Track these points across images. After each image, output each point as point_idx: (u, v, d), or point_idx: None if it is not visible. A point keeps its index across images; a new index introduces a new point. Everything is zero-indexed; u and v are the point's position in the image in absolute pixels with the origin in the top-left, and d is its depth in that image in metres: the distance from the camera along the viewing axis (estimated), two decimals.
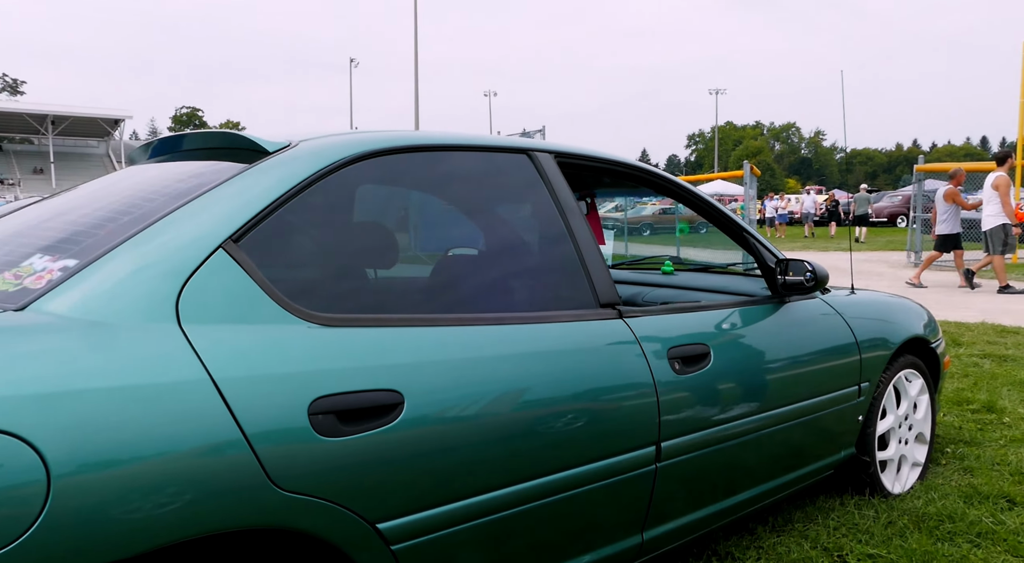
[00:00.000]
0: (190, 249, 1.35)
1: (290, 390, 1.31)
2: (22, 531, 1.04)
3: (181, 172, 1.64)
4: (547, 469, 1.65)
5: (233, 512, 1.22)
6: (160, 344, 1.24)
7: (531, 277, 1.90)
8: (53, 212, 1.68)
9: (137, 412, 1.16)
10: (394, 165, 1.73)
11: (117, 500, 1.11)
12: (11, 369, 1.10)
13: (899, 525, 2.54)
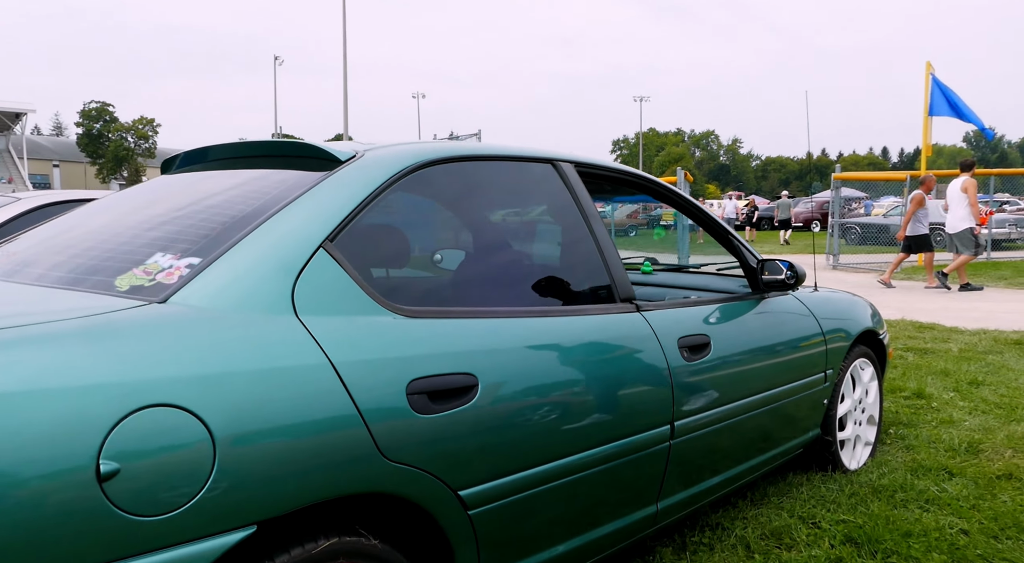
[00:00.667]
0: (297, 248, 1.51)
1: (391, 373, 1.49)
2: (198, 489, 1.19)
3: (262, 177, 1.78)
4: (588, 444, 1.87)
5: (353, 479, 1.39)
6: (285, 332, 1.40)
7: (566, 274, 2.11)
8: (139, 213, 1.79)
9: (275, 391, 1.32)
10: (448, 173, 1.92)
11: (265, 465, 1.27)
12: (173, 354, 1.24)
13: (860, 495, 2.87)
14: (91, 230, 1.77)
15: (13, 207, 4.13)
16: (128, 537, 1.14)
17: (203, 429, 1.22)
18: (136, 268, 1.46)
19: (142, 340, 1.24)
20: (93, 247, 1.64)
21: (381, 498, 1.49)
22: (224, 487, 1.22)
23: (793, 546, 2.47)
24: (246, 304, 1.40)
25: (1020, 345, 5.92)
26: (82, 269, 1.53)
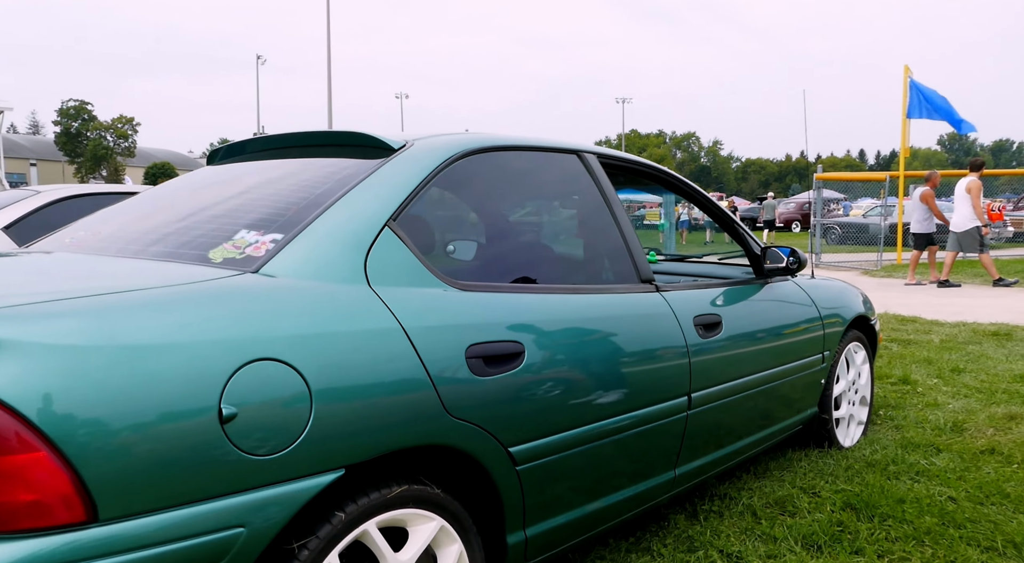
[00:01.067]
0: (366, 226, 1.67)
1: (452, 339, 1.65)
2: (298, 434, 1.35)
3: (322, 163, 1.94)
4: (618, 410, 2.04)
5: (423, 431, 1.56)
6: (362, 300, 1.56)
7: (593, 255, 2.28)
8: (209, 196, 1.94)
9: (358, 351, 1.48)
10: (488, 161, 2.08)
11: (352, 416, 1.43)
12: (272, 316, 1.40)
13: (856, 468, 3.07)
14: (169, 211, 1.92)
15: (35, 199, 4.25)
16: (243, 473, 1.29)
17: (301, 382, 1.38)
18: (226, 243, 1.61)
19: (244, 304, 1.40)
20: (177, 225, 1.79)
21: (443, 451, 1.65)
22: (319, 433, 1.38)
23: (796, 512, 2.66)
24: (326, 275, 1.56)
25: (997, 336, 6.18)
26: (175, 244, 1.68)
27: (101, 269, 1.57)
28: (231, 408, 1.28)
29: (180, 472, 1.23)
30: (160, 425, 1.21)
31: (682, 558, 2.33)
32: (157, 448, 1.20)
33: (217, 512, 1.26)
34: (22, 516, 1.12)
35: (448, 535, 1.66)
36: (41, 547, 1.12)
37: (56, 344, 1.17)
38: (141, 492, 1.19)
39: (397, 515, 1.55)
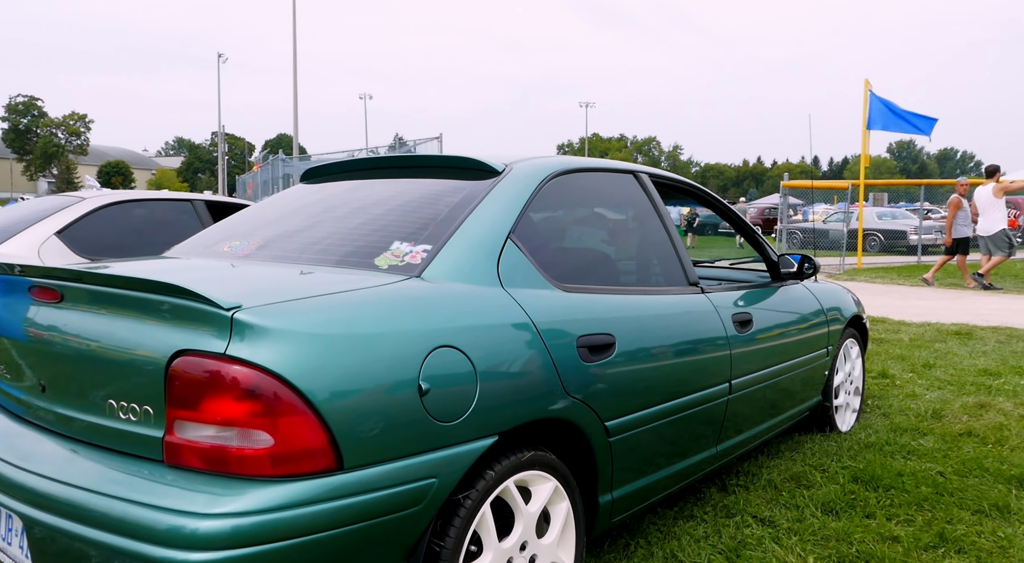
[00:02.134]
0: (495, 238, 2.01)
1: (567, 332, 2.01)
2: (469, 406, 1.69)
3: (436, 183, 2.27)
4: (681, 393, 2.42)
5: (548, 406, 1.91)
6: (501, 299, 1.90)
7: (653, 262, 2.65)
8: (342, 209, 2.26)
9: (505, 339, 1.82)
10: (570, 180, 2.43)
11: (503, 392, 1.78)
12: (444, 311, 1.74)
13: (855, 449, 3.49)
14: (313, 223, 2.24)
15: (82, 206, 4.46)
16: (435, 435, 1.63)
17: (470, 364, 1.72)
18: (385, 252, 1.94)
19: (424, 302, 1.74)
20: (333, 236, 2.11)
21: (559, 423, 2.00)
22: (483, 405, 1.73)
23: (812, 485, 3.06)
24: (471, 278, 1.90)
25: (959, 335, 6.74)
26: (340, 253, 2.00)
27: (304, 274, 1.85)
28: (426, 384, 1.62)
29: (396, 433, 1.56)
30: (383, 395, 1.55)
31: (722, 522, 2.71)
32: (382, 413, 1.54)
33: (419, 465, 1.60)
34: (294, 463, 1.44)
35: (559, 494, 2.01)
36: (308, 487, 1.44)
37: (311, 332, 1.50)
38: (372, 448, 1.52)
39: (526, 476, 1.90)
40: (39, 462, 1.65)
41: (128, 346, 1.57)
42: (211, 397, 1.45)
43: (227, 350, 1.45)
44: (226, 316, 1.46)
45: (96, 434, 1.64)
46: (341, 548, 1.50)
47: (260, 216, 2.47)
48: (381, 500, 1.54)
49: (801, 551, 2.47)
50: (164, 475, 1.49)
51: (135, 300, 1.59)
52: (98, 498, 1.48)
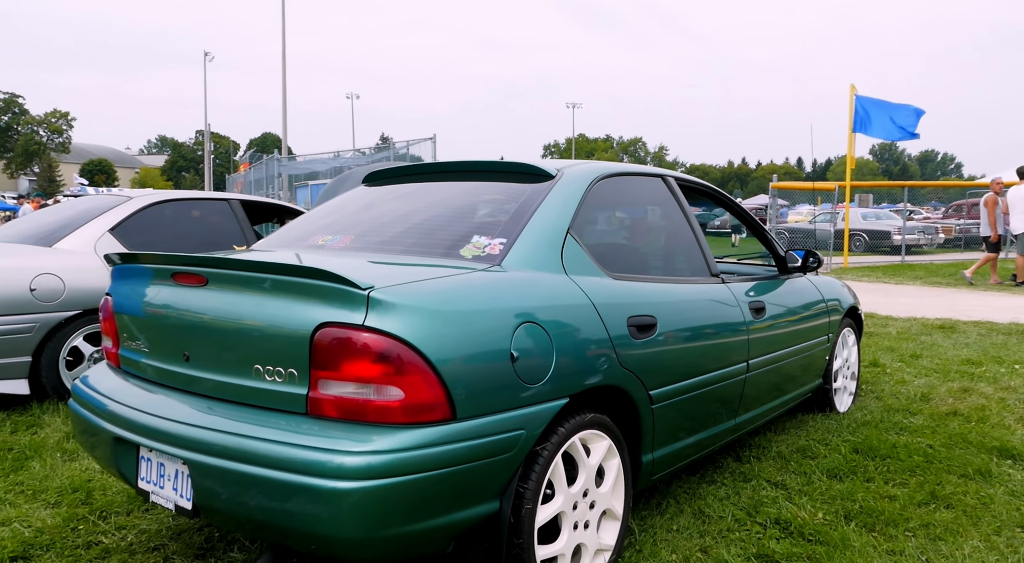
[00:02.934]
0: (557, 233, 2.36)
1: (619, 312, 2.35)
2: (548, 371, 2.04)
3: (499, 185, 2.61)
4: (710, 368, 2.77)
5: (606, 375, 2.25)
6: (568, 284, 2.25)
7: (682, 255, 3.00)
8: (417, 206, 2.60)
9: (572, 317, 2.17)
10: (611, 183, 2.78)
11: (572, 361, 2.12)
12: (525, 293, 2.08)
13: (853, 426, 3.87)
14: (393, 219, 2.57)
15: (131, 204, 4.77)
16: (523, 395, 1.97)
17: (547, 337, 2.06)
18: (468, 244, 2.28)
19: (509, 285, 2.08)
20: (418, 230, 2.45)
21: (612, 390, 2.34)
22: (557, 372, 2.07)
23: (816, 456, 3.43)
24: (541, 267, 2.25)
25: (943, 329, 7.16)
26: (427, 245, 2.34)
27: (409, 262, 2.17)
28: (516, 352, 1.96)
29: (494, 391, 1.90)
30: (485, 360, 1.89)
31: (740, 485, 3.07)
32: (484, 374, 1.88)
33: (511, 419, 1.94)
34: (419, 413, 1.78)
35: (612, 452, 2.35)
36: (430, 433, 1.78)
37: (430, 308, 1.84)
38: (477, 403, 1.87)
39: (587, 434, 2.24)
40: (192, 417, 1.97)
41: (274, 320, 1.89)
42: (351, 360, 1.79)
43: (365, 322, 1.78)
44: (363, 295, 1.79)
45: (240, 393, 1.96)
46: (453, 484, 1.83)
47: (337, 215, 2.80)
48: (483, 446, 1.88)
49: (811, 508, 2.83)
50: (310, 424, 1.82)
51: (279, 283, 1.91)
52: (256, 442, 1.81)
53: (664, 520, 2.73)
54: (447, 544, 1.92)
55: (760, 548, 2.50)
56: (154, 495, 2.08)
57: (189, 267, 2.09)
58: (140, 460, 2.13)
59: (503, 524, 1.97)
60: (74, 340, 4.24)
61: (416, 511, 1.78)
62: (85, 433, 2.31)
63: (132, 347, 2.32)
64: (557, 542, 2.14)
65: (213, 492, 1.88)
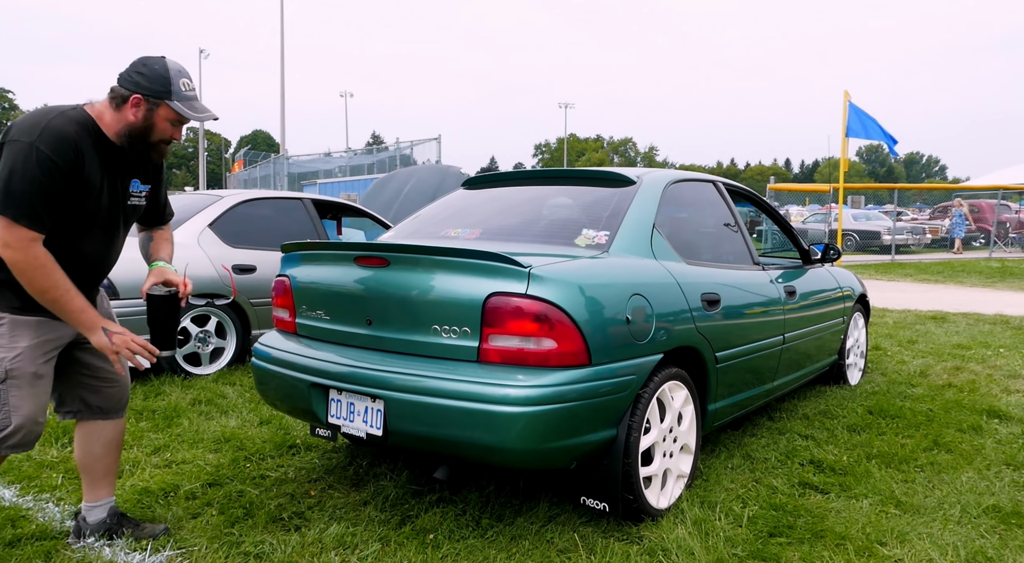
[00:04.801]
0: (646, 227, 2.99)
1: (695, 290, 2.99)
2: (650, 331, 2.67)
3: (591, 190, 3.24)
4: (757, 338, 3.41)
5: (686, 338, 2.89)
6: (658, 267, 2.88)
7: (733, 247, 3.64)
8: (527, 206, 3.23)
9: (664, 292, 2.80)
10: (679, 188, 3.41)
11: (665, 324, 2.75)
12: (632, 273, 2.72)
13: (864, 395, 4.53)
14: (508, 216, 3.20)
15: (224, 202, 5.36)
16: (634, 349, 2.60)
17: (649, 306, 2.70)
18: (579, 236, 2.91)
19: (622, 267, 2.71)
20: (536, 223, 3.07)
21: (689, 351, 2.97)
22: (656, 333, 2.70)
23: (836, 417, 4.09)
24: (638, 253, 2.88)
25: (935, 319, 7.86)
26: (545, 235, 2.97)
27: (539, 248, 2.80)
28: (630, 316, 2.59)
29: (616, 345, 2.54)
30: (609, 321, 2.52)
31: (777, 438, 3.71)
32: (609, 332, 2.51)
33: (627, 366, 2.57)
34: (566, 359, 2.41)
35: (688, 400, 2.98)
36: (575, 374, 2.41)
37: (573, 281, 2.47)
38: (604, 352, 2.50)
39: (671, 384, 2.87)
40: (382, 365, 2.58)
41: (451, 291, 2.51)
42: (515, 320, 2.41)
43: (527, 291, 2.41)
44: (525, 271, 2.42)
45: (419, 347, 2.57)
46: (588, 412, 2.46)
47: (454, 213, 3.42)
48: (609, 385, 2.50)
49: (837, 452, 3.48)
50: (482, 368, 2.44)
51: (455, 263, 2.53)
52: (442, 382, 2.42)
53: (720, 461, 3.37)
54: (572, 461, 2.54)
55: (801, 479, 3.14)
56: (345, 427, 2.69)
57: (377, 253, 2.70)
58: (330, 401, 2.74)
59: (619, 447, 2.60)
60: (184, 321, 4.83)
61: (563, 431, 2.40)
62: (274, 384, 2.92)
63: (312, 316, 2.93)
64: (652, 465, 2.77)
65: (404, 420, 2.50)
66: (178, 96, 2.24)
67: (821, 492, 3.02)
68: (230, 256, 5.12)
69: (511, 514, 2.78)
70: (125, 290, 4.56)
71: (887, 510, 2.83)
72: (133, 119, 2.25)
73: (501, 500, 2.91)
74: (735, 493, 2.99)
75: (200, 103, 2.33)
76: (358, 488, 3.06)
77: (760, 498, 2.93)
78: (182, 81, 2.26)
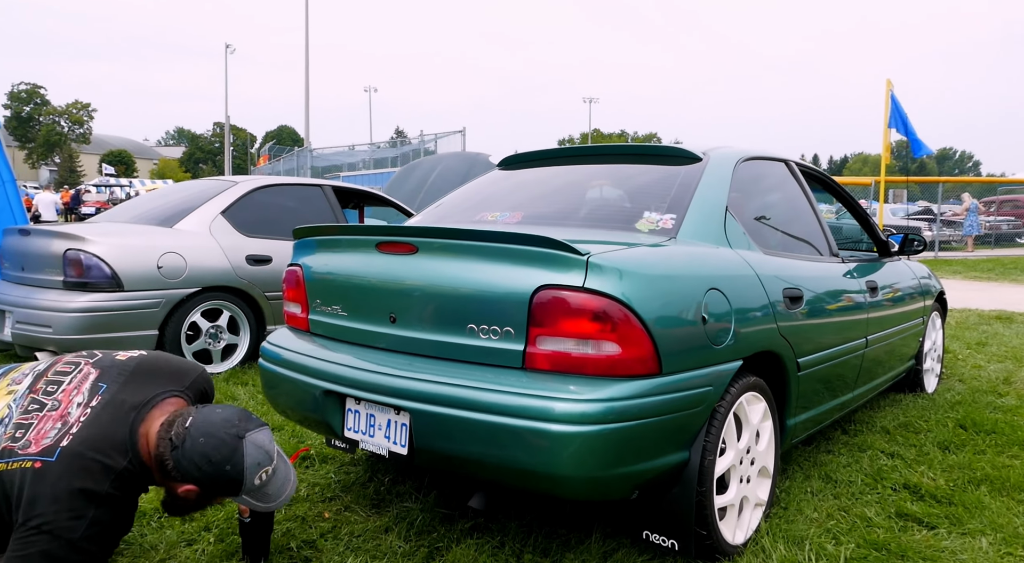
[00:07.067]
0: (718, 210, 2.53)
1: (776, 284, 2.52)
2: (729, 335, 2.21)
3: (653, 168, 2.78)
4: (839, 342, 2.93)
5: (767, 341, 2.42)
6: (734, 256, 2.42)
7: (811, 235, 3.16)
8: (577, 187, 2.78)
9: (742, 285, 2.34)
10: (749, 166, 2.94)
11: (744, 326, 2.29)
12: (705, 264, 2.26)
13: (947, 406, 4.02)
14: (551, 198, 2.76)
15: (237, 189, 4.97)
16: (710, 355, 2.15)
17: (728, 303, 2.24)
18: (640, 220, 2.46)
19: (694, 256, 2.25)
20: (578, 207, 2.63)
21: (769, 356, 2.51)
22: (735, 334, 2.24)
23: (921, 431, 3.59)
24: (710, 240, 2.42)
25: (1000, 319, 7.28)
26: (601, 218, 2.52)
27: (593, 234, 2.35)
28: (706, 315, 2.14)
29: (691, 350, 2.08)
30: (683, 321, 2.07)
31: (857, 455, 3.23)
32: (683, 334, 2.06)
33: (704, 376, 2.12)
34: (632, 367, 1.96)
35: (766, 414, 2.52)
36: (642, 385, 1.96)
37: (640, 272, 2.02)
38: (678, 359, 2.04)
39: (748, 396, 2.41)
40: (408, 371, 2.15)
41: (490, 284, 2.07)
42: (570, 318, 1.96)
43: (585, 284, 1.96)
44: (582, 260, 1.97)
45: (452, 350, 2.14)
46: (657, 432, 2.01)
47: (490, 195, 2.98)
48: (682, 399, 2.05)
49: (932, 474, 3.00)
50: (529, 376, 2.00)
51: (496, 250, 2.09)
52: (481, 392, 1.98)
53: (796, 484, 2.90)
54: (633, 491, 2.10)
55: (898, 508, 2.66)
56: (363, 443, 2.26)
57: (403, 238, 2.27)
58: (346, 412, 2.32)
59: (691, 472, 2.15)
60: (193, 316, 4.45)
61: (627, 454, 1.96)
62: (283, 389, 2.51)
63: (326, 311, 2.51)
64: (728, 492, 2.32)
65: (434, 437, 2.06)
66: (248, 490, 1.84)
67: (927, 526, 2.55)
68: (244, 246, 4.73)
69: (558, 548, 2.35)
70: (130, 282, 4.19)
71: (1014, 552, 2.35)
72: (182, 495, 1.85)
73: (545, 531, 2.47)
74: (822, 525, 2.52)
75: (275, 484, 1.87)
76: (379, 511, 2.64)
77: (855, 533, 2.47)
78: (259, 475, 1.83)
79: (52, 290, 4.20)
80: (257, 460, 1.82)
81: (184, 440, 1.77)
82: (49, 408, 1.82)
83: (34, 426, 1.77)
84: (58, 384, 1.88)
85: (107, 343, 4.07)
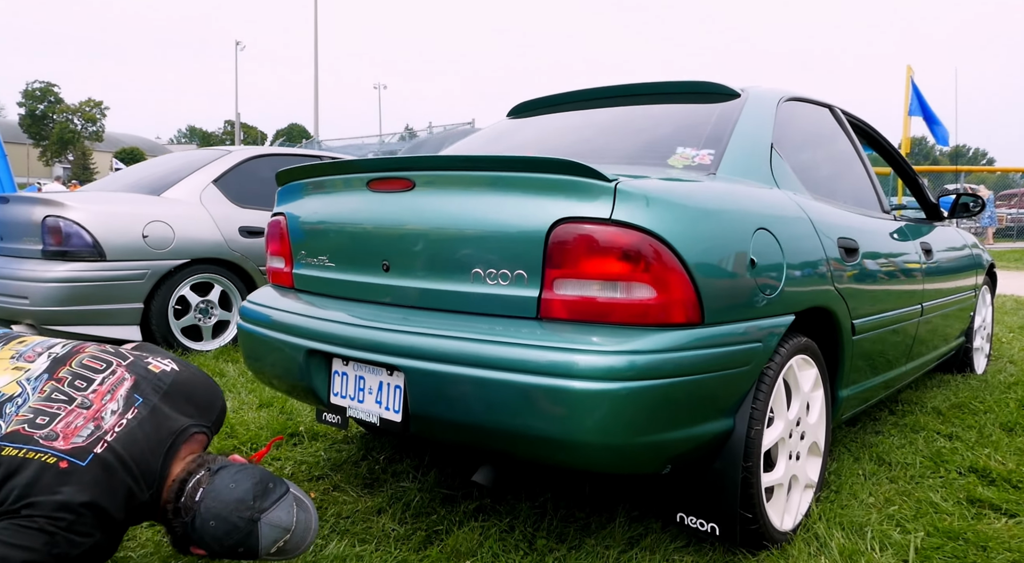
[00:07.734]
0: (763, 145, 2.20)
1: (831, 231, 2.18)
2: (779, 284, 1.87)
3: (685, 106, 2.44)
4: (894, 305, 2.59)
5: (821, 296, 2.08)
6: (784, 197, 2.08)
7: (862, 187, 2.82)
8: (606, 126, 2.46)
9: (793, 228, 2.00)
10: (792, 108, 2.59)
11: (796, 275, 1.96)
12: (754, 199, 1.93)
13: (1002, 386, 3.67)
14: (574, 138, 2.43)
15: (230, 158, 4.67)
16: (760, 306, 1.81)
17: (778, 246, 1.90)
18: (674, 155, 2.12)
19: (739, 192, 1.92)
20: (606, 146, 2.29)
21: (822, 313, 2.16)
22: (786, 284, 1.91)
23: (977, 412, 3.24)
24: (755, 178, 2.08)
25: None
26: (633, 155, 2.19)
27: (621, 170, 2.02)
28: (755, 257, 1.80)
29: (738, 297, 1.75)
30: (729, 262, 1.74)
31: (911, 436, 2.88)
32: (729, 278, 1.73)
33: (752, 329, 1.79)
34: (669, 314, 1.63)
35: (817, 383, 2.18)
36: (680, 336, 1.63)
37: (679, 203, 1.70)
38: (722, 307, 1.71)
39: (799, 360, 2.07)
40: (404, 325, 1.83)
41: (498, 220, 1.75)
42: (595, 257, 1.64)
43: (612, 215, 1.63)
44: (609, 187, 1.64)
45: (454, 300, 1.82)
46: (698, 393, 1.68)
47: (508, 141, 2.65)
48: (727, 355, 1.72)
49: (1000, 457, 2.65)
50: (545, 326, 1.67)
51: (506, 179, 1.76)
52: (488, 346, 1.66)
53: (846, 466, 2.56)
54: (666, 464, 1.77)
55: (969, 493, 2.32)
56: (351, 410, 1.94)
57: (397, 172, 1.95)
58: (332, 374, 2.00)
59: (736, 444, 1.82)
60: (182, 289, 4.15)
61: (659, 420, 1.63)
62: (264, 353, 2.19)
63: (312, 264, 2.19)
64: (775, 470, 1.98)
65: (432, 400, 1.74)
66: (263, 557, 1.59)
67: (1005, 514, 2.20)
68: (237, 217, 4.42)
69: (576, 533, 2.02)
70: (112, 251, 3.89)
71: None
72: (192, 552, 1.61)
73: (561, 513, 2.15)
74: (882, 511, 2.18)
75: (294, 541, 1.61)
76: (372, 490, 2.33)
77: (922, 520, 2.12)
78: (276, 545, 1.57)
79: (30, 260, 3.91)
80: (273, 538, 1.56)
81: (194, 517, 1.53)
82: (79, 404, 1.57)
83: (61, 418, 1.53)
84: (87, 381, 1.63)
85: (88, 316, 3.77)
